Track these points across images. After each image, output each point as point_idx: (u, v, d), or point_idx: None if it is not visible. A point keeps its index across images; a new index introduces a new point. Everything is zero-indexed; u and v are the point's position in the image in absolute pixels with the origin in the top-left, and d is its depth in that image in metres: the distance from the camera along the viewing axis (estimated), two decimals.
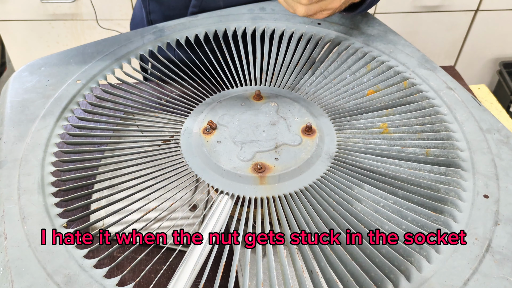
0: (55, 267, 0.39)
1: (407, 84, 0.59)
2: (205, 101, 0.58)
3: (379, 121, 0.55)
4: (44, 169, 0.48)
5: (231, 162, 0.49)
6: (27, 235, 0.41)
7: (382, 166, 0.49)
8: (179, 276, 0.40)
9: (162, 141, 0.54)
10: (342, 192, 0.47)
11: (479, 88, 1.07)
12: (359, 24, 0.70)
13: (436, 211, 0.45)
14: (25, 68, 0.61)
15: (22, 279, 0.38)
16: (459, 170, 0.48)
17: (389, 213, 0.45)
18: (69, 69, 0.60)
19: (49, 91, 0.57)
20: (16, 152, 0.49)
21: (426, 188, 0.47)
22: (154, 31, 0.68)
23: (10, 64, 1.70)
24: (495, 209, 0.45)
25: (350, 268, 0.40)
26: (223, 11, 0.73)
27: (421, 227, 0.44)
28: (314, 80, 0.62)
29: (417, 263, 0.40)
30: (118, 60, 0.62)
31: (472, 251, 0.41)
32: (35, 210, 0.43)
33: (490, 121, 0.54)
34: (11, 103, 0.55)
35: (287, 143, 0.51)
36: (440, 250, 0.41)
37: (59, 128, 0.52)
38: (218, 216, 0.45)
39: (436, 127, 0.53)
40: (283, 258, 0.41)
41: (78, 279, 0.38)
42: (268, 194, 0.46)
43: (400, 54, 0.64)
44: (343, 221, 0.44)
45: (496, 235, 0.42)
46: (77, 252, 0.40)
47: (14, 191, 0.45)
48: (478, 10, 1.68)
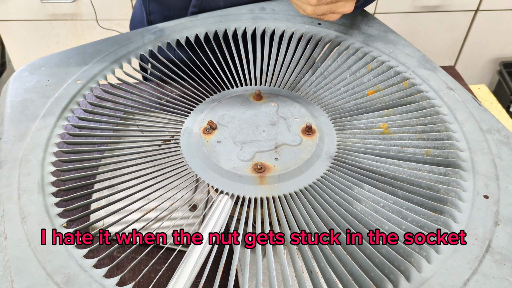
0: (55, 267, 0.39)
1: (407, 84, 0.59)
2: (205, 101, 0.58)
3: (379, 121, 0.55)
4: (44, 169, 0.48)
5: (231, 162, 0.49)
6: (27, 235, 0.41)
7: (382, 166, 0.49)
8: (179, 276, 0.39)
9: (162, 141, 0.54)
10: (342, 192, 0.47)
11: (479, 88, 1.07)
12: (359, 24, 0.70)
13: (436, 212, 0.45)
14: (25, 68, 0.61)
15: (21, 279, 0.38)
16: (459, 170, 0.48)
17: (389, 213, 0.45)
18: (69, 69, 0.60)
19: (49, 91, 0.57)
20: (16, 151, 0.49)
21: (426, 188, 0.47)
22: (154, 31, 0.68)
23: (10, 64, 1.69)
24: (495, 209, 0.45)
25: (350, 268, 0.40)
26: (224, 11, 0.73)
27: (421, 227, 0.44)
28: (314, 80, 0.62)
29: (417, 263, 0.40)
30: (118, 60, 0.62)
31: (472, 252, 0.41)
32: (35, 210, 0.43)
33: (490, 121, 0.54)
34: (11, 102, 0.55)
35: (287, 143, 0.51)
36: (440, 251, 0.41)
37: (59, 128, 0.52)
38: (218, 216, 0.45)
39: (436, 127, 0.53)
40: (282, 258, 0.41)
41: (78, 279, 0.38)
42: (268, 194, 0.46)
43: (400, 54, 0.64)
44: (343, 221, 0.44)
45: (496, 235, 0.42)
46: (77, 252, 0.40)
47: (14, 191, 0.45)
48: (478, 10, 1.68)
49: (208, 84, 0.62)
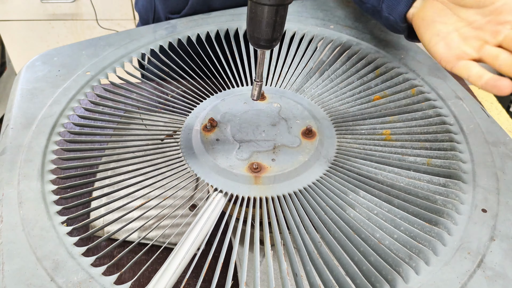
0: (45, 253, 0.40)
1: (415, 92, 0.58)
2: (209, 98, 0.58)
3: (382, 128, 0.54)
4: (45, 157, 0.49)
5: (228, 160, 0.49)
6: (22, 220, 0.43)
7: (380, 173, 0.49)
8: (165, 271, 0.40)
9: (165, 136, 0.54)
10: (336, 197, 0.46)
11: (480, 88, 1.05)
12: (372, 28, 0.69)
13: (431, 223, 0.44)
14: (38, 58, 0.63)
15: (12, 262, 0.39)
16: (459, 182, 0.47)
17: (382, 221, 0.44)
18: (80, 61, 0.62)
19: (59, 81, 0.58)
20: (21, 138, 0.50)
21: (423, 199, 0.46)
22: (166, 27, 0.69)
23: (10, 64, 1.69)
24: (492, 224, 0.43)
25: (336, 274, 0.40)
26: (237, 10, 0.73)
27: (413, 238, 0.43)
28: (321, 83, 0.61)
29: (405, 273, 0.39)
30: (129, 54, 0.63)
31: (463, 266, 0.40)
32: (32, 196, 0.45)
33: (497, 133, 0.53)
34: (21, 90, 0.57)
35: (285, 144, 0.51)
36: (430, 262, 0.40)
37: (64, 117, 0.53)
38: (210, 213, 0.45)
39: (441, 137, 0.52)
40: (269, 259, 0.41)
41: (66, 266, 0.39)
42: (262, 194, 0.46)
43: (412, 60, 0.63)
44: (333, 226, 0.43)
45: (491, 250, 0.41)
46: (68, 239, 0.41)
47: (14, 176, 0.46)
48: None
49: (214, 82, 0.62)
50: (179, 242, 0.42)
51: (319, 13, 0.72)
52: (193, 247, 0.42)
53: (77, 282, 0.38)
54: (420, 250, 0.41)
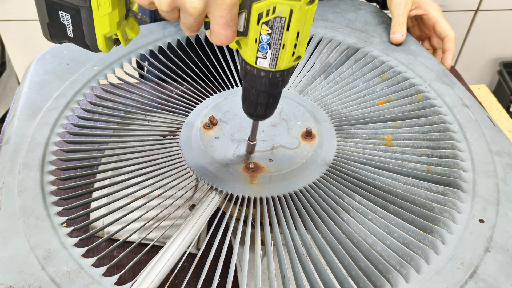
0: (38, 242, 0.41)
1: (421, 98, 0.57)
2: (212, 96, 0.58)
3: (384, 133, 0.53)
4: (47, 148, 0.50)
5: (225, 158, 0.49)
6: (19, 208, 0.43)
7: (378, 179, 0.48)
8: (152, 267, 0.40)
9: (168, 132, 0.54)
10: (331, 200, 0.46)
11: (479, 88, 1.04)
12: (382, 32, 0.69)
13: (426, 230, 0.43)
14: (49, 51, 0.64)
15: (6, 249, 0.40)
16: (458, 191, 0.46)
17: (376, 227, 0.44)
18: (89, 55, 0.63)
19: (66, 74, 0.59)
20: (25, 128, 0.51)
21: (419, 206, 0.46)
22: (176, 24, 0.70)
23: (10, 64, 1.68)
24: (488, 235, 0.42)
25: (324, 277, 0.40)
26: None
27: (406, 245, 0.42)
28: (326, 85, 0.61)
29: (395, 281, 0.39)
30: (137, 50, 0.64)
31: (454, 276, 0.39)
32: (31, 185, 0.45)
33: (502, 143, 0.52)
34: (30, 82, 0.58)
35: (284, 145, 0.50)
36: (421, 271, 0.40)
37: (69, 110, 0.54)
38: (203, 211, 0.45)
39: (443, 144, 0.51)
40: (258, 260, 0.40)
41: (57, 255, 0.40)
42: (256, 194, 0.46)
43: (419, 66, 0.62)
44: (325, 229, 0.43)
45: (485, 262, 0.40)
46: (61, 230, 0.42)
47: (16, 166, 0.47)
48: (478, 10, 1.64)
49: (218, 80, 0.62)
50: (171, 238, 0.43)
51: (330, 15, 0.72)
52: (183, 244, 0.42)
53: (66, 271, 0.39)
54: (412, 257, 0.41)
